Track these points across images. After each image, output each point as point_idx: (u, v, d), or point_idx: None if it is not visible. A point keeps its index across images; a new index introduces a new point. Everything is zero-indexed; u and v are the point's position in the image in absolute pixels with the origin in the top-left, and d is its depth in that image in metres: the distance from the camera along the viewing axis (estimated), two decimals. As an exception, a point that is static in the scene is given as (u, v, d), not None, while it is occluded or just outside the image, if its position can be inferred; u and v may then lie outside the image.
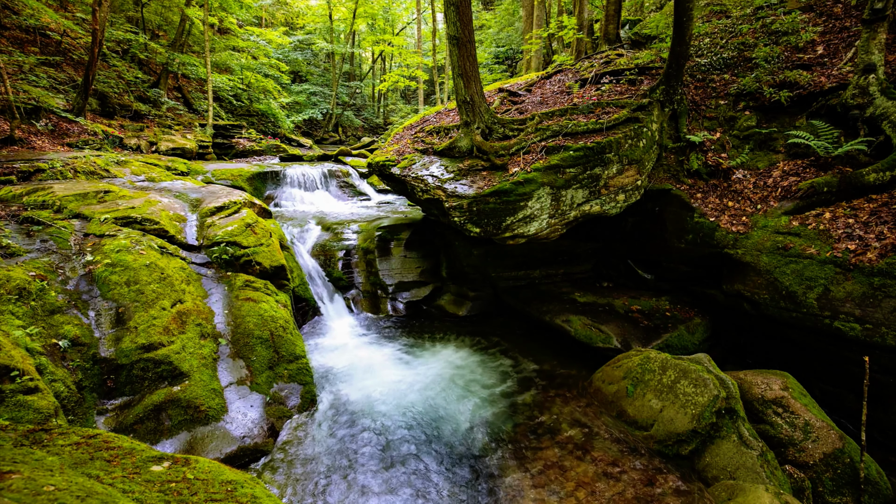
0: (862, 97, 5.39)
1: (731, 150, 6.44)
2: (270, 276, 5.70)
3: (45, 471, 1.86)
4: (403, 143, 7.78)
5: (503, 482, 3.78)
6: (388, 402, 4.85)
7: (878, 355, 4.16)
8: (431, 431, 4.43)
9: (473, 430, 4.45)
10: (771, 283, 4.99)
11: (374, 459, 4.03)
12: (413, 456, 4.08)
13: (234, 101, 19.89)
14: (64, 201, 5.45)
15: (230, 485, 2.30)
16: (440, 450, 4.18)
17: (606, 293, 6.73)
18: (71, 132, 10.53)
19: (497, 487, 3.73)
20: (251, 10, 21.76)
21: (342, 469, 3.90)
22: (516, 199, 5.54)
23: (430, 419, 4.62)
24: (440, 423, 4.56)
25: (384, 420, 4.56)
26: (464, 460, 4.06)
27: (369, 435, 4.35)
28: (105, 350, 3.94)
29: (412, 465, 3.97)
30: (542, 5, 15.72)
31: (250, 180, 11.10)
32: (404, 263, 7.81)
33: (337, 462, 3.99)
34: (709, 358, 4.40)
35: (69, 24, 12.60)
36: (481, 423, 4.57)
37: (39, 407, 3.10)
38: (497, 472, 3.90)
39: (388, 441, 4.27)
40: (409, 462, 4.01)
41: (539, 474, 3.85)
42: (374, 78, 32.50)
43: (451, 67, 6.65)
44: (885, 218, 4.63)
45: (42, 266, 4.23)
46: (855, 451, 3.72)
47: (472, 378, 5.43)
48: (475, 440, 4.32)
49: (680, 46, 6.08)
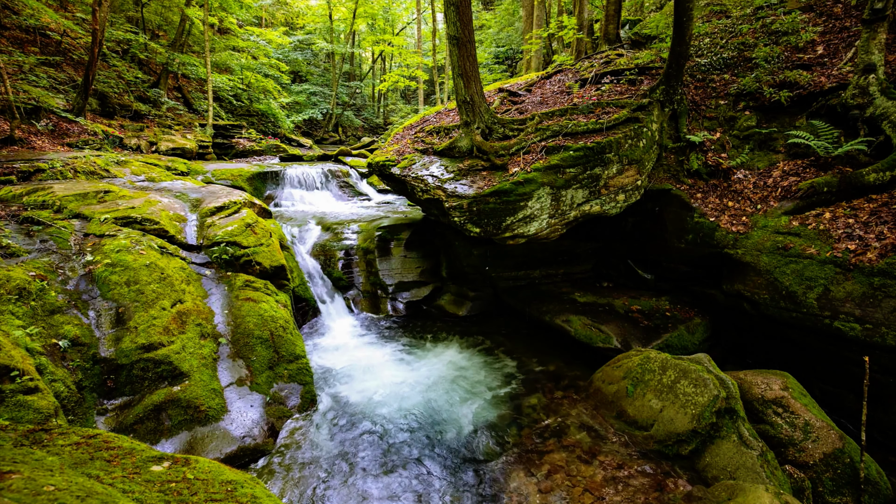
0: (862, 97, 5.39)
1: (731, 150, 6.44)
2: (270, 276, 5.70)
3: (45, 471, 1.86)
4: (403, 143, 7.78)
5: (508, 487, 3.69)
6: (390, 404, 4.81)
7: (878, 355, 4.16)
8: (434, 435, 4.36)
9: (477, 434, 4.37)
10: (771, 283, 4.99)
11: (374, 463, 3.97)
12: (415, 460, 4.01)
13: (234, 101, 19.89)
14: (64, 201, 5.45)
15: (230, 485, 2.30)
16: (442, 453, 4.11)
17: (606, 293, 6.73)
18: (71, 132, 10.53)
19: (501, 493, 3.64)
20: (251, 10, 21.76)
21: (343, 473, 3.84)
22: (516, 199, 5.54)
23: (432, 421, 4.56)
24: (442, 426, 4.49)
25: (385, 423, 4.50)
26: (467, 464, 3.98)
27: (370, 437, 4.31)
28: (105, 350, 3.94)
29: (414, 470, 3.90)
30: (542, 5, 15.72)
31: (250, 180, 11.10)
32: (404, 263, 7.81)
33: (337, 464, 3.95)
34: (709, 358, 4.39)
35: (69, 24, 12.60)
36: (485, 426, 4.50)
37: (39, 407, 3.10)
38: (502, 477, 3.80)
39: (389, 444, 4.20)
40: (410, 466, 3.94)
41: (545, 479, 3.76)
42: (374, 78, 32.50)
43: (451, 67, 6.65)
44: (885, 218, 4.63)
45: (42, 266, 4.23)
46: (855, 451, 3.72)
47: (476, 379, 5.38)
48: (479, 444, 4.24)
49: (680, 46, 6.08)
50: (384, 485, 3.72)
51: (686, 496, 3.44)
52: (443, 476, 3.85)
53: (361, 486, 3.70)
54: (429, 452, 4.13)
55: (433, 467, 3.94)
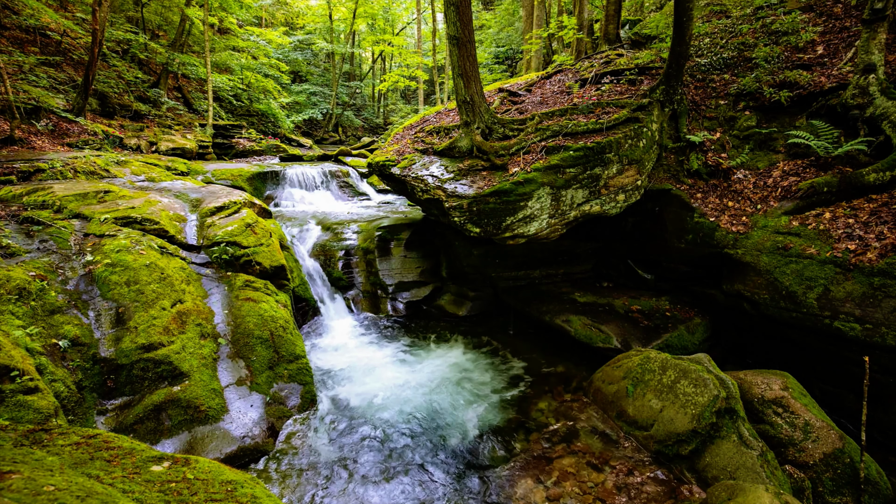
0: (862, 97, 5.39)
1: (731, 150, 6.44)
2: (270, 276, 5.70)
3: (45, 471, 1.86)
4: (403, 143, 7.78)
5: (515, 494, 3.60)
6: (391, 407, 4.75)
7: (878, 355, 4.15)
8: (437, 440, 4.26)
9: (483, 438, 4.26)
10: (771, 283, 4.99)
11: (375, 468, 3.88)
12: (417, 466, 3.92)
13: (234, 101, 19.89)
14: (64, 201, 5.45)
15: (230, 485, 2.30)
16: (446, 459, 4.01)
17: (606, 293, 6.73)
18: (71, 132, 10.52)
19: (509, 500, 3.55)
20: (251, 10, 21.76)
21: (342, 479, 3.76)
22: (516, 199, 5.54)
23: (436, 425, 4.46)
24: (446, 430, 4.39)
25: (386, 427, 4.43)
26: (472, 471, 3.87)
27: (371, 441, 4.23)
28: (105, 350, 3.94)
29: (416, 476, 3.80)
30: (542, 5, 15.72)
31: (250, 180, 11.10)
32: (404, 263, 7.81)
33: (337, 467, 3.90)
34: (709, 358, 4.39)
35: (69, 24, 12.60)
36: (491, 430, 4.39)
37: (39, 407, 3.10)
38: (508, 484, 3.69)
39: (391, 449, 4.12)
40: (412, 472, 3.84)
41: (554, 486, 3.65)
42: (374, 78, 32.50)
43: (451, 67, 6.65)
44: (885, 218, 4.63)
45: (42, 266, 4.23)
46: (855, 451, 3.72)
47: (482, 381, 5.32)
48: (484, 449, 4.14)
49: (680, 46, 6.08)
50: (385, 492, 3.64)
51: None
52: (447, 483, 3.74)
53: (362, 493, 3.62)
54: (432, 458, 4.02)
55: (436, 473, 3.84)
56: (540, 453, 4.08)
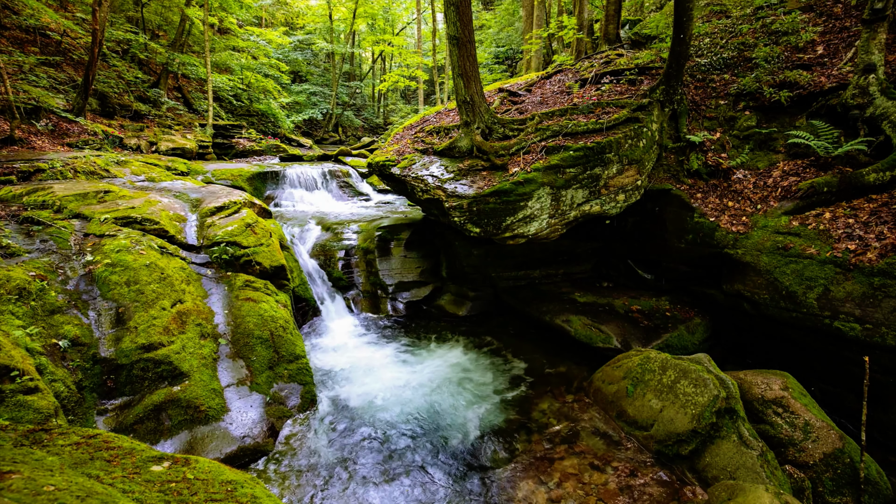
0: (862, 97, 5.39)
1: (731, 150, 6.44)
2: (270, 276, 5.70)
3: (45, 471, 1.86)
4: (403, 143, 7.78)
5: (517, 496, 3.58)
6: (391, 407, 4.75)
7: (878, 355, 4.15)
8: (437, 441, 4.24)
9: (484, 439, 4.24)
10: (771, 283, 4.99)
11: (375, 469, 3.87)
12: (418, 467, 3.90)
13: (234, 101, 19.89)
14: (64, 201, 5.45)
15: (230, 485, 2.30)
16: (447, 460, 3.99)
17: (606, 293, 6.73)
18: (71, 132, 10.52)
19: (510, 502, 3.53)
20: (251, 10, 21.76)
21: (342, 479, 3.75)
22: (516, 199, 5.54)
23: (436, 426, 4.45)
24: (447, 431, 4.37)
25: (386, 427, 4.42)
26: (473, 472, 3.84)
27: (371, 441, 4.22)
28: (105, 350, 3.94)
29: (417, 477, 3.79)
30: (542, 5, 15.72)
31: (250, 180, 11.10)
32: (404, 263, 7.81)
33: (337, 467, 3.89)
34: (709, 358, 4.39)
35: (69, 24, 12.60)
36: (492, 431, 4.37)
37: (39, 407, 3.10)
38: (510, 486, 3.67)
39: (391, 450, 4.10)
40: (413, 473, 3.83)
41: (556, 487, 3.63)
42: (374, 78, 32.50)
43: (451, 67, 6.65)
44: (885, 218, 4.63)
45: (42, 266, 4.23)
46: (855, 451, 3.72)
47: (483, 382, 5.31)
48: (486, 450, 4.11)
49: (680, 46, 6.08)
50: (385, 493, 3.63)
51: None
52: (447, 484, 3.72)
53: (362, 494, 3.60)
54: (433, 460, 4.00)
55: (437, 474, 3.82)
56: (542, 454, 4.06)
